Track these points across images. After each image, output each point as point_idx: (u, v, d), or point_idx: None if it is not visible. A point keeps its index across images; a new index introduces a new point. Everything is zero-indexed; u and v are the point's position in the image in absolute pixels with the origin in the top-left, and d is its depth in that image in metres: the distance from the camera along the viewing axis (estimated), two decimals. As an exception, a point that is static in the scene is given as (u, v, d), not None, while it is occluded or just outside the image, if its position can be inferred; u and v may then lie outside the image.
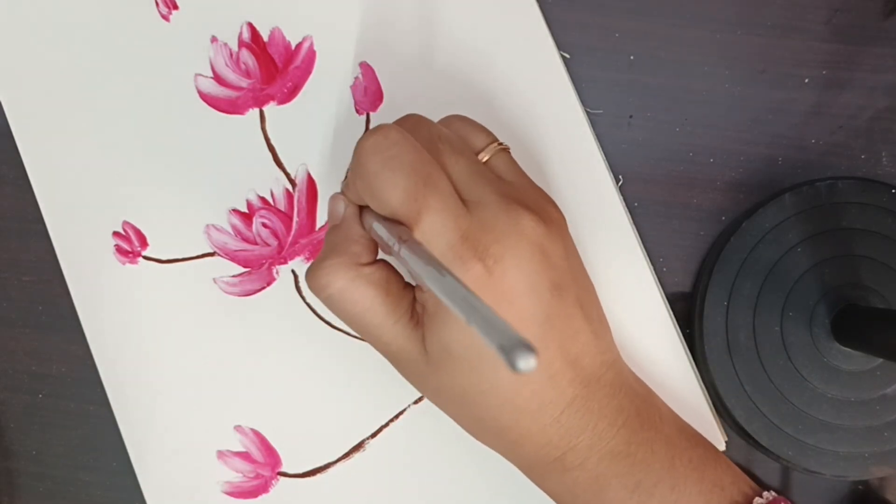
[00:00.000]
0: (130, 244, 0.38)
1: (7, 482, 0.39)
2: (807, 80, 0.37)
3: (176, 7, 0.38)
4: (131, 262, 0.38)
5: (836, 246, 0.35)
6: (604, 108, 0.38)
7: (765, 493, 0.31)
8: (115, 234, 0.39)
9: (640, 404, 0.31)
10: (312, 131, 0.38)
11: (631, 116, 0.38)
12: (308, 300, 0.38)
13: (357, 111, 0.38)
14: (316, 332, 0.38)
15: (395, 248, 0.27)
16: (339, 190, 0.34)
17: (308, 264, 0.38)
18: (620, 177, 0.38)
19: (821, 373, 0.35)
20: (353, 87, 0.38)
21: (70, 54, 0.39)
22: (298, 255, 0.38)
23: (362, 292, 0.30)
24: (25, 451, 0.39)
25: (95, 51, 0.39)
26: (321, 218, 0.38)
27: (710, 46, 0.37)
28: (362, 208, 0.32)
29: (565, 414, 0.30)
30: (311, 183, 0.38)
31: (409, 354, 0.31)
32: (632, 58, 0.38)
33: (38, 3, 0.39)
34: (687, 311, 0.37)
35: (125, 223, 0.38)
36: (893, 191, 0.35)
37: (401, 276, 0.32)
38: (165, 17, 0.39)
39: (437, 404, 0.32)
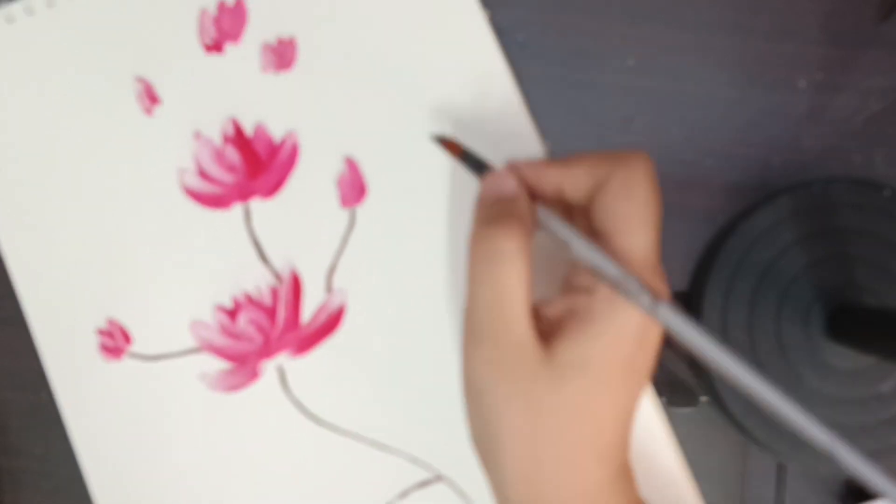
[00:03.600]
0: (115, 341, 0.38)
1: (12, 480, 0.39)
2: (802, 84, 0.38)
3: (159, 101, 0.38)
4: (116, 359, 0.38)
5: (831, 246, 0.36)
6: (603, 111, 0.38)
7: None
8: (100, 330, 0.38)
9: None
10: (297, 226, 0.37)
11: (630, 120, 0.38)
12: (295, 395, 0.38)
13: (342, 205, 0.38)
14: (302, 429, 0.37)
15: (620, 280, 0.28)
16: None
17: (294, 359, 0.38)
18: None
19: (816, 371, 0.35)
20: (338, 182, 0.38)
21: (52, 148, 0.38)
22: (284, 350, 0.38)
23: (524, 264, 0.29)
24: (30, 450, 0.39)
25: (78, 145, 0.38)
26: (306, 313, 0.38)
27: (707, 51, 0.38)
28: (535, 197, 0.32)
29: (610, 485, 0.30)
30: (295, 278, 0.38)
31: (529, 354, 0.29)
32: (630, 62, 0.38)
33: (20, 94, 0.39)
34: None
35: (109, 320, 0.38)
36: (887, 192, 0.36)
37: None
38: (148, 112, 0.38)
39: (536, 423, 0.29)
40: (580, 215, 0.32)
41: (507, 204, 0.31)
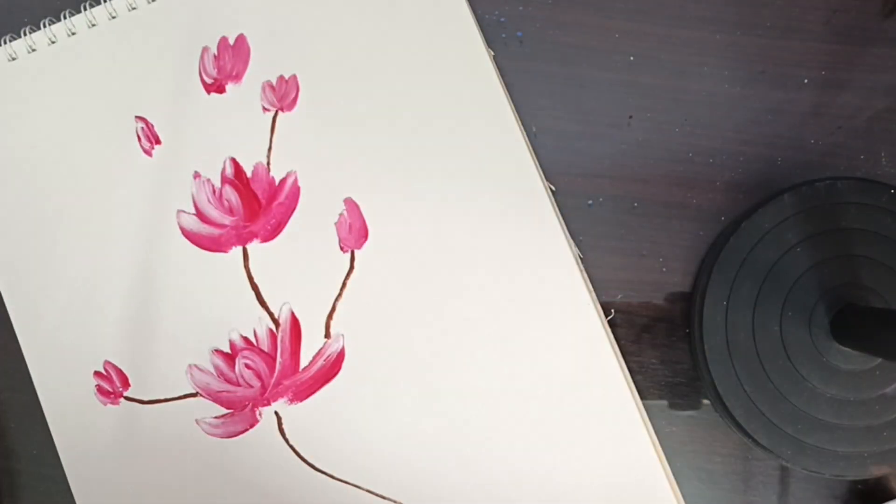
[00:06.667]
0: (112, 384, 0.38)
1: (8, 482, 0.39)
2: (806, 81, 0.38)
3: (159, 142, 0.38)
4: (113, 403, 0.38)
5: (835, 246, 0.36)
6: (604, 108, 0.38)
7: None
8: (97, 373, 0.38)
9: None
10: (296, 269, 0.37)
11: (631, 117, 0.38)
12: (291, 443, 0.37)
13: (341, 248, 0.37)
14: (299, 476, 0.37)
15: None
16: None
17: (291, 406, 0.37)
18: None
19: (820, 372, 0.35)
20: (338, 224, 0.37)
21: (50, 190, 0.38)
22: (282, 396, 0.37)
23: None
24: (26, 451, 0.39)
25: (76, 186, 0.38)
26: (305, 358, 0.37)
27: (710, 47, 0.38)
28: None
29: None
30: (294, 322, 0.37)
31: None
32: (632, 58, 0.38)
33: (18, 133, 0.38)
34: (686, 311, 0.38)
35: (106, 363, 0.38)
36: (892, 191, 0.36)
37: None
38: (148, 152, 0.38)
39: None
40: None
41: None
